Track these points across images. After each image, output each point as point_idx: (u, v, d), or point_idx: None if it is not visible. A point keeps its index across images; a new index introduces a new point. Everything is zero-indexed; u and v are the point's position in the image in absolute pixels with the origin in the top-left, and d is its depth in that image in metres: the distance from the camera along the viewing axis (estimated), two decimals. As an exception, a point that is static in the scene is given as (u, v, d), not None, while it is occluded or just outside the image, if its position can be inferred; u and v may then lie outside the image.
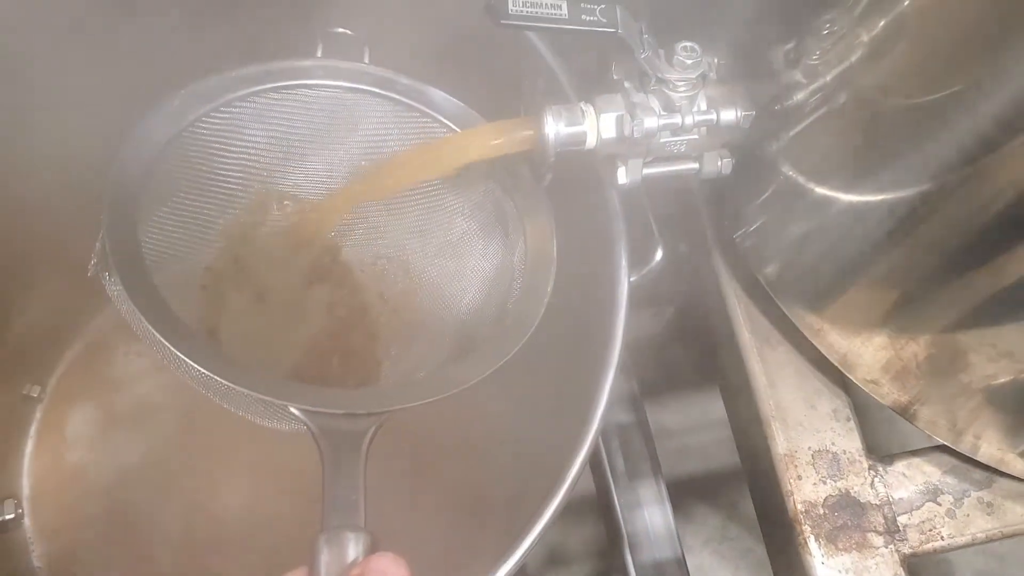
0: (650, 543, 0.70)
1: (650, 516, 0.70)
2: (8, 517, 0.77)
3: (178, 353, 0.44)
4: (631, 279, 0.55)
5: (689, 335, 0.79)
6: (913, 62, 0.45)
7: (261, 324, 0.53)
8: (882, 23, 0.46)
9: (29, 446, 0.82)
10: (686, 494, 1.06)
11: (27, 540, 0.78)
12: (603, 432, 0.77)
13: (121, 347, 0.84)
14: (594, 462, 0.77)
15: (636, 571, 0.69)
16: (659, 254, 0.59)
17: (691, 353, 1.01)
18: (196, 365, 0.44)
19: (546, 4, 0.49)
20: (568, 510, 0.48)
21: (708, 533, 1.07)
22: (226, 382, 0.44)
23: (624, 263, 0.55)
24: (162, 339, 0.44)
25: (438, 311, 0.56)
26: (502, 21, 0.48)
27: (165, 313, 0.46)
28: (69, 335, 0.85)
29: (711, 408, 1.06)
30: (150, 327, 0.45)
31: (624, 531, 0.70)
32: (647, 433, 0.76)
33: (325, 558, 0.39)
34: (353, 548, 0.40)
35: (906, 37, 0.45)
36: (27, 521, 0.79)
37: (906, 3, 0.44)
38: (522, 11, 0.48)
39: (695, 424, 1.07)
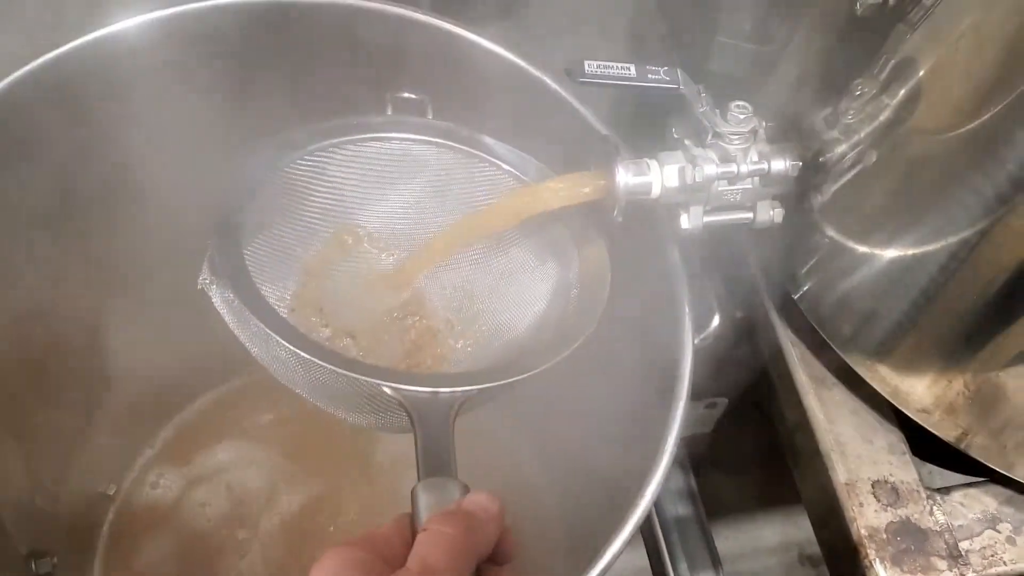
0: (712, 636, 0.70)
1: (711, 609, 0.71)
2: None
3: (289, 346, 0.49)
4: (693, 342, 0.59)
5: (745, 429, 0.81)
6: (932, 120, 0.51)
7: (345, 345, 0.58)
8: (902, 91, 0.52)
9: (101, 546, 0.86)
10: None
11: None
12: (662, 526, 0.79)
13: (191, 451, 0.89)
14: (652, 554, 0.77)
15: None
16: (716, 319, 0.64)
17: (742, 478, 1.03)
18: (306, 355, 0.49)
19: (617, 66, 0.56)
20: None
21: (764, 659, 1.04)
22: (334, 368, 0.48)
23: (688, 316, 0.59)
24: (274, 335, 0.49)
25: (500, 332, 0.60)
26: (579, 80, 0.56)
27: (272, 314, 0.51)
28: (143, 440, 0.90)
29: (763, 535, 1.06)
30: (261, 324, 0.50)
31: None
32: (705, 526, 0.77)
33: (424, 502, 0.42)
34: (451, 491, 0.42)
35: (924, 99, 0.51)
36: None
37: (921, 73, 0.50)
38: (596, 72, 0.56)
39: (748, 551, 1.07)
